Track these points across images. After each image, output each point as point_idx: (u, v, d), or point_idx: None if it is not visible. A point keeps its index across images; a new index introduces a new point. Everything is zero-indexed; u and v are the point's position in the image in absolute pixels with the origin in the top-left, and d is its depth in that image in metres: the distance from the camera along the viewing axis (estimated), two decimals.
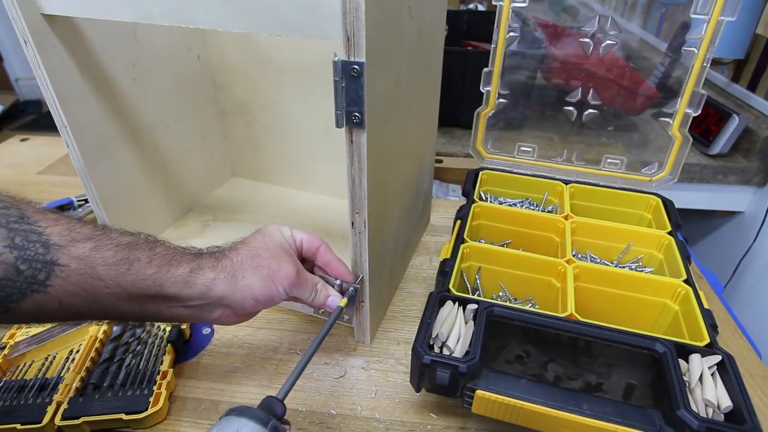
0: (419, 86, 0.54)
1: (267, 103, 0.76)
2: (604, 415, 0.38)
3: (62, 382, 0.48)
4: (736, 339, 0.57)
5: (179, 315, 0.40)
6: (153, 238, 0.39)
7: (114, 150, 0.60)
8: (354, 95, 0.38)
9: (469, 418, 0.48)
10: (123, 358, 0.51)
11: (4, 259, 0.31)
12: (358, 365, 0.54)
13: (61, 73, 0.51)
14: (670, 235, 0.57)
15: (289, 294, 0.43)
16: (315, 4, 0.36)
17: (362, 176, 0.42)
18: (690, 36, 0.55)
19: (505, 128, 0.69)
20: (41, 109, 2.61)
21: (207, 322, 0.42)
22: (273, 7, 0.38)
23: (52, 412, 0.45)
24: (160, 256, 0.38)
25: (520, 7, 0.60)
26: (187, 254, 0.40)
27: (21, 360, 0.53)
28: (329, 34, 0.37)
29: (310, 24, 0.38)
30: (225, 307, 0.40)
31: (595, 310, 0.51)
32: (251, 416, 0.33)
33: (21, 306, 0.32)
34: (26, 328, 0.55)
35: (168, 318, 0.40)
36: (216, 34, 0.72)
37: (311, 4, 0.37)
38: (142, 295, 0.36)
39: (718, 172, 1.10)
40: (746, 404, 0.37)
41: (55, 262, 0.33)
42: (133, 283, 0.36)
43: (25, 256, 0.31)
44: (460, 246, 0.54)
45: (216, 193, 0.83)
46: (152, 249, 0.38)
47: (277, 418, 0.35)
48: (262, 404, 0.36)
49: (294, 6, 0.37)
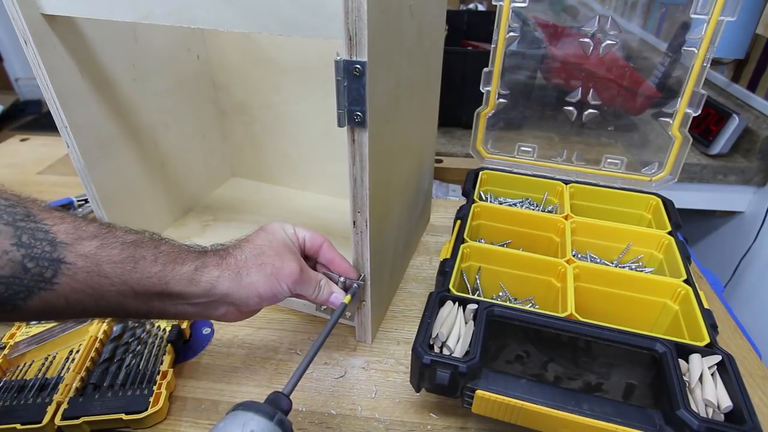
0: (419, 85, 0.55)
1: (267, 103, 0.76)
2: (604, 415, 0.38)
3: (62, 382, 0.48)
4: (736, 339, 0.57)
5: (184, 312, 0.40)
6: (158, 236, 0.40)
7: (114, 150, 0.60)
8: (356, 95, 0.38)
9: (469, 418, 0.48)
10: (123, 358, 0.51)
11: (11, 257, 0.31)
12: (358, 365, 0.54)
13: (62, 74, 0.51)
14: (670, 235, 0.57)
15: (292, 291, 0.43)
16: (317, 4, 0.37)
17: (364, 175, 0.42)
18: (690, 36, 0.55)
19: (505, 128, 0.69)
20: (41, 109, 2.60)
21: (211, 319, 0.42)
22: (274, 6, 0.38)
23: (52, 412, 0.45)
24: (165, 254, 0.38)
25: (520, 7, 0.60)
26: (191, 252, 0.40)
27: (21, 360, 0.53)
28: (331, 34, 0.37)
29: (311, 24, 0.38)
30: (229, 304, 0.41)
31: (595, 310, 0.51)
32: (258, 410, 0.34)
33: (28, 304, 0.32)
34: (26, 328, 0.55)
35: (173, 315, 0.40)
36: (215, 34, 0.72)
37: (313, 4, 0.37)
38: (148, 292, 0.37)
39: (718, 172, 1.10)
40: (746, 404, 0.37)
41: (62, 260, 0.33)
42: (139, 280, 0.36)
43: (33, 254, 0.31)
44: (460, 246, 0.54)
45: (216, 193, 0.83)
46: (157, 247, 0.38)
47: (283, 412, 0.35)
48: (269, 399, 0.37)
49: (296, 6, 0.37)
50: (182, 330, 0.55)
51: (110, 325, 0.55)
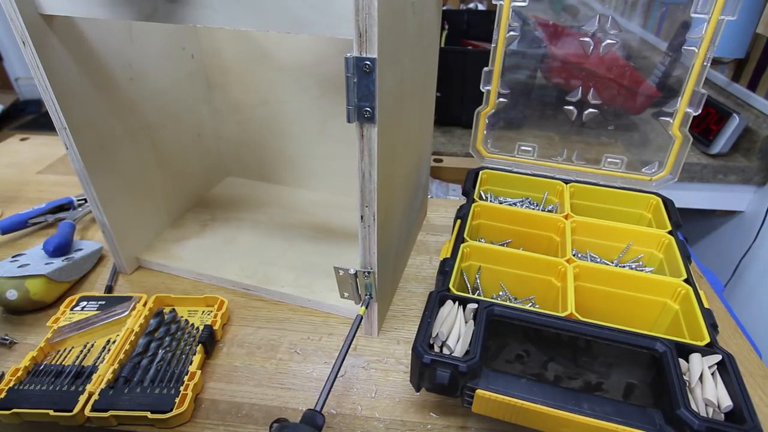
0: (419, 81, 0.55)
1: (262, 102, 0.76)
2: (604, 415, 0.38)
3: (96, 372, 0.49)
4: (736, 338, 0.57)
5: None
6: None
7: (113, 151, 0.60)
8: (365, 91, 0.38)
9: (469, 418, 0.48)
10: (155, 353, 0.52)
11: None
12: (359, 365, 0.53)
13: (60, 75, 0.50)
14: (671, 234, 0.57)
15: None
16: (327, 2, 0.37)
17: (372, 170, 0.42)
18: (690, 35, 0.55)
19: (505, 127, 0.69)
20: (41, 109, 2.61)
21: None
22: (284, 5, 0.38)
23: (83, 402, 0.46)
24: None
25: (520, 6, 0.60)
26: None
27: (62, 345, 0.54)
28: (341, 31, 0.37)
29: (321, 21, 0.38)
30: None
31: (596, 309, 0.51)
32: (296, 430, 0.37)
33: None
34: (69, 314, 0.57)
35: None
36: (210, 32, 0.72)
37: (323, 2, 0.37)
38: None
39: (718, 171, 1.10)
40: (746, 404, 0.37)
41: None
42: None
43: None
44: (460, 245, 0.54)
45: (213, 192, 0.83)
46: None
47: (318, 428, 0.38)
48: (305, 417, 0.39)
49: (306, 4, 0.37)
50: (214, 331, 0.55)
51: (146, 319, 0.56)
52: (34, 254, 0.64)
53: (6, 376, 0.49)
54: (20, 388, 0.48)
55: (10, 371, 0.49)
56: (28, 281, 0.58)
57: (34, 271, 0.59)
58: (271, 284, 0.62)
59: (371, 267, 0.50)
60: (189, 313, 0.58)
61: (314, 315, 0.60)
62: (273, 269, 0.65)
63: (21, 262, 0.61)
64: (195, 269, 0.65)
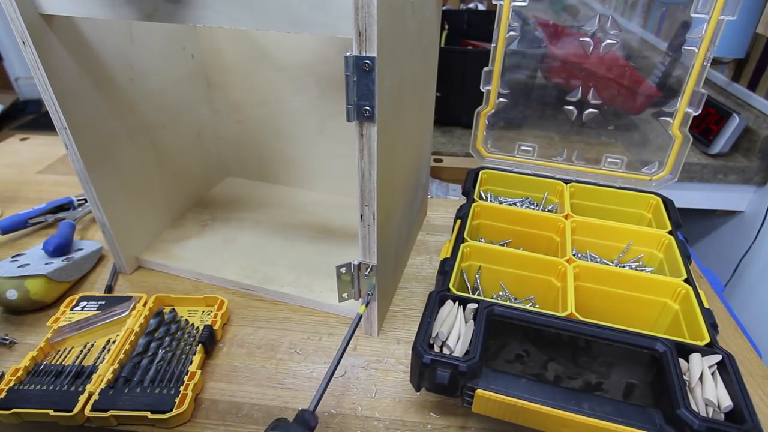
0: (419, 81, 0.55)
1: (261, 101, 0.76)
2: (604, 415, 0.38)
3: (96, 372, 0.49)
4: (736, 338, 0.57)
5: None
6: None
7: (113, 151, 0.60)
8: (365, 90, 0.38)
9: (469, 418, 0.48)
10: (155, 353, 0.52)
11: None
12: (359, 365, 0.53)
13: (60, 75, 0.50)
14: (671, 234, 0.57)
15: None
16: (327, 1, 0.37)
17: (372, 169, 0.42)
18: (690, 35, 0.55)
19: (506, 127, 0.69)
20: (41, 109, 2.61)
21: None
22: (284, 4, 0.38)
23: (83, 402, 0.46)
24: None
25: (520, 6, 0.60)
26: None
27: (62, 344, 0.54)
28: (341, 30, 0.37)
29: (321, 21, 0.38)
30: None
31: (596, 309, 0.51)
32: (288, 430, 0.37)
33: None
34: (69, 314, 0.57)
35: None
36: (210, 32, 0.72)
37: (323, 1, 0.37)
38: None
39: (718, 171, 1.10)
40: (746, 404, 0.37)
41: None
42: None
43: None
44: (460, 245, 0.54)
45: (212, 192, 0.83)
46: None
47: (311, 429, 0.38)
48: (298, 418, 0.39)
49: (305, 3, 0.37)
50: (214, 331, 0.55)
51: (146, 319, 0.56)
52: (34, 254, 0.64)
53: (6, 376, 0.49)
54: (20, 388, 0.48)
55: (10, 371, 0.49)
56: (28, 281, 0.58)
57: (34, 271, 0.59)
58: (271, 284, 0.62)
59: (371, 265, 0.50)
60: (189, 313, 0.58)
61: (314, 315, 0.60)
62: (273, 269, 0.65)
63: (21, 262, 0.61)
64: (195, 269, 0.65)
